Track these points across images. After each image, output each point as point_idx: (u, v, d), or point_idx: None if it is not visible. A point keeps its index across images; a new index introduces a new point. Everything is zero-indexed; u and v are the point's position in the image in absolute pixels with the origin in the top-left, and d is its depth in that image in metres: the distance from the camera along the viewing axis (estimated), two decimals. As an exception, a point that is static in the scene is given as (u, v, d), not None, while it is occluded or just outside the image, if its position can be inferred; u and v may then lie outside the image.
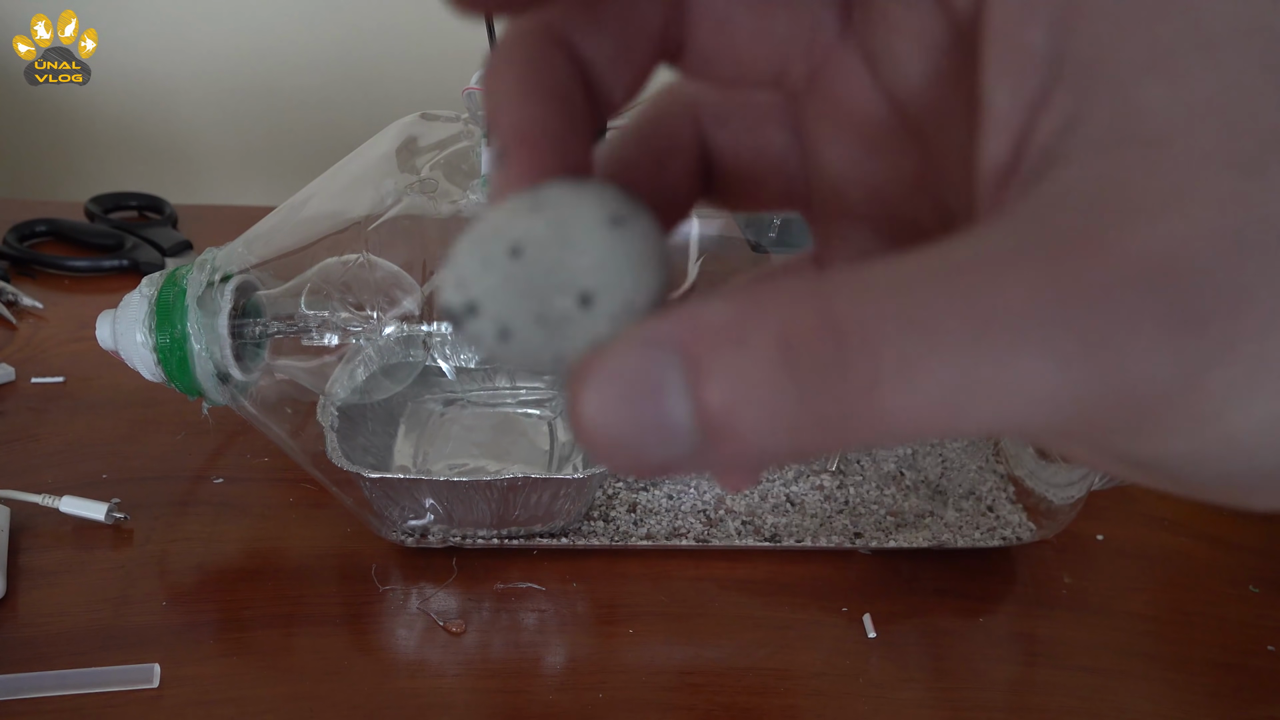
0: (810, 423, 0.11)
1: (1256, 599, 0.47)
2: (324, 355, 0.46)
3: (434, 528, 0.45)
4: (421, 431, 0.51)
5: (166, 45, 0.91)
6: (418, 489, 0.43)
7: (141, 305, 0.42)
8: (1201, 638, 0.45)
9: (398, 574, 0.45)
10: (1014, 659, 0.44)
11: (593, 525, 0.47)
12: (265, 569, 0.45)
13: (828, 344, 0.11)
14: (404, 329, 0.48)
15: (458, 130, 0.48)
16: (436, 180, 0.45)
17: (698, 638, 0.43)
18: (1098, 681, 0.42)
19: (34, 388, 0.55)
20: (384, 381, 0.49)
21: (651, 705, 0.40)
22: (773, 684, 0.41)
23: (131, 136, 0.94)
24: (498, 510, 0.44)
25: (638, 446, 0.12)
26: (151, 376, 0.43)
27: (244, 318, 0.44)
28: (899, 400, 0.11)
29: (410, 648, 0.42)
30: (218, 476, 0.50)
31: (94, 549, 0.45)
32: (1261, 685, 0.43)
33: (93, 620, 0.42)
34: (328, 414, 0.45)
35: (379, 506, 0.44)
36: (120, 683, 0.39)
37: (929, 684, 0.42)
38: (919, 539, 0.47)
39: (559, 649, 0.42)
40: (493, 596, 0.44)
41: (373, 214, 0.44)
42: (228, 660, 0.41)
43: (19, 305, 0.62)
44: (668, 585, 0.46)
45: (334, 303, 0.44)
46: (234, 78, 0.93)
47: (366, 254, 0.44)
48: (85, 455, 0.51)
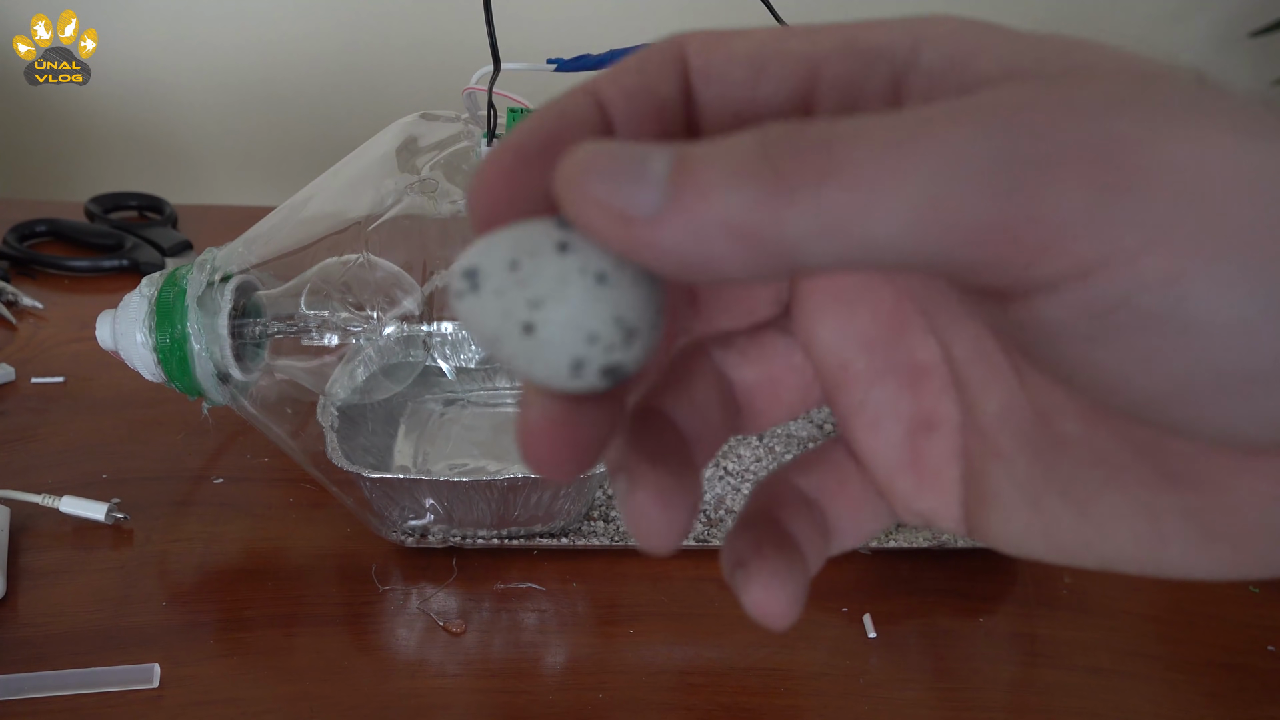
0: (766, 194, 0.13)
1: (1256, 599, 0.47)
2: (324, 355, 0.46)
3: (434, 528, 0.45)
4: (421, 431, 0.51)
5: (166, 45, 0.91)
6: (418, 489, 0.43)
7: (141, 305, 0.42)
8: (1201, 638, 0.45)
9: (398, 574, 0.45)
10: (1014, 659, 0.44)
11: (593, 525, 0.47)
12: (265, 569, 0.45)
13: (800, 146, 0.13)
14: (404, 329, 0.48)
15: (458, 130, 0.48)
16: (436, 180, 0.45)
17: (698, 638, 0.43)
18: (1098, 681, 0.42)
19: (34, 388, 0.55)
20: (384, 381, 0.49)
21: (651, 705, 0.40)
22: (773, 684, 0.41)
23: (131, 136, 0.94)
24: (498, 510, 0.44)
25: (605, 179, 0.13)
26: (151, 376, 0.43)
27: (244, 318, 0.44)
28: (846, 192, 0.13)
29: (410, 648, 0.42)
30: (218, 476, 0.50)
31: (94, 549, 0.45)
32: (1261, 685, 0.43)
33: (93, 620, 0.42)
34: (328, 414, 0.45)
35: (379, 506, 0.44)
36: (120, 683, 0.39)
37: (929, 684, 0.42)
38: (919, 539, 0.47)
39: (559, 649, 0.42)
40: (493, 596, 0.44)
41: (373, 214, 0.44)
42: (228, 660, 0.41)
43: (19, 305, 0.62)
44: (668, 585, 0.46)
45: (334, 303, 0.44)
46: (234, 78, 0.93)
47: (366, 254, 0.44)
48: (85, 455, 0.51)
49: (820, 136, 0.13)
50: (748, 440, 0.51)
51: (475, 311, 0.15)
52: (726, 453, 0.51)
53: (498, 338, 0.15)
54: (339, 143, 0.53)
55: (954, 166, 0.13)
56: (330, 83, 0.93)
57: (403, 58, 0.92)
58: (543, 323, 0.14)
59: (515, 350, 0.15)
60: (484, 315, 0.15)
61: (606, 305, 0.14)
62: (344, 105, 0.94)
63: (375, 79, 0.93)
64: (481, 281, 0.14)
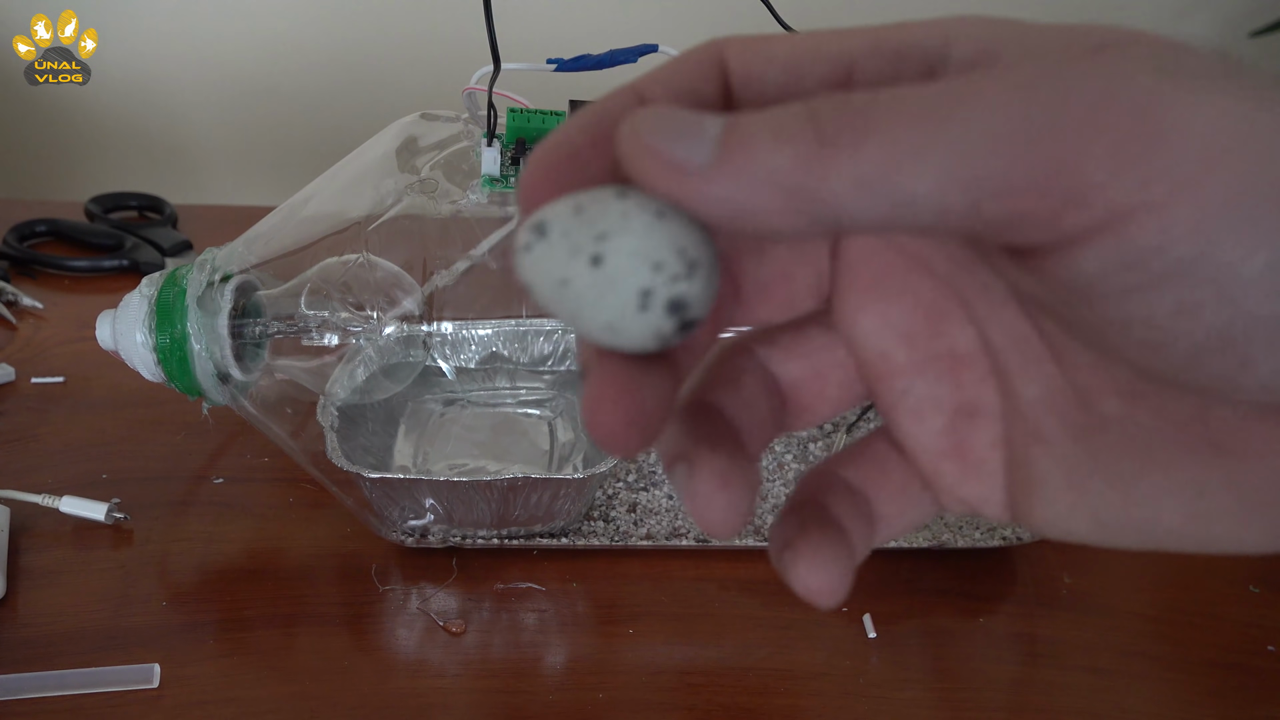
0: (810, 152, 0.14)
1: (1256, 599, 0.47)
2: (324, 355, 0.46)
3: (434, 528, 0.45)
4: (421, 431, 0.51)
5: (166, 45, 0.91)
6: (418, 489, 0.43)
7: (141, 305, 0.42)
8: (1201, 638, 0.45)
9: (398, 574, 0.45)
10: (1014, 659, 0.44)
11: (593, 525, 0.47)
12: (265, 569, 0.45)
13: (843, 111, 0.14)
14: (404, 329, 0.48)
15: (458, 130, 0.48)
16: (436, 180, 0.45)
17: (698, 638, 0.43)
18: (1098, 681, 0.42)
19: (34, 388, 0.55)
20: (384, 381, 0.49)
21: (651, 705, 0.40)
22: (773, 684, 0.41)
23: (131, 136, 0.94)
24: (498, 510, 0.44)
25: (663, 135, 0.15)
26: (151, 376, 0.43)
27: (244, 318, 0.44)
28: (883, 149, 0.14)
29: (410, 648, 0.42)
30: (218, 476, 0.50)
31: (94, 549, 0.45)
32: (1261, 685, 0.43)
33: (93, 620, 0.42)
34: (328, 414, 0.45)
35: (379, 506, 0.44)
36: (120, 683, 0.39)
37: (929, 684, 0.42)
38: (919, 539, 0.47)
39: (559, 649, 0.42)
40: (493, 596, 0.44)
41: (373, 214, 0.44)
42: (228, 660, 0.41)
43: (19, 305, 0.62)
44: (668, 585, 0.46)
45: (334, 303, 0.44)
46: (234, 78, 0.93)
47: (366, 254, 0.44)
48: (85, 455, 0.51)
49: (862, 103, 0.14)
50: (748, 440, 0.51)
51: (543, 258, 0.16)
52: (726, 453, 0.51)
53: (566, 279, 0.15)
54: (339, 143, 0.53)
55: (985, 123, 0.13)
56: (330, 82, 0.93)
57: (403, 58, 0.92)
58: (610, 253, 0.15)
59: (583, 288, 0.15)
60: (552, 259, 0.15)
61: (668, 236, 0.15)
62: (344, 105, 0.94)
63: (375, 79, 0.93)
64: (549, 229, 0.15)
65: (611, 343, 0.16)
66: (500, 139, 0.44)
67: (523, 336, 0.52)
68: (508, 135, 0.45)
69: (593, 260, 0.15)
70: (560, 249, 0.15)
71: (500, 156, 0.44)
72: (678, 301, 0.15)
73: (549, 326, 0.52)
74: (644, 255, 0.15)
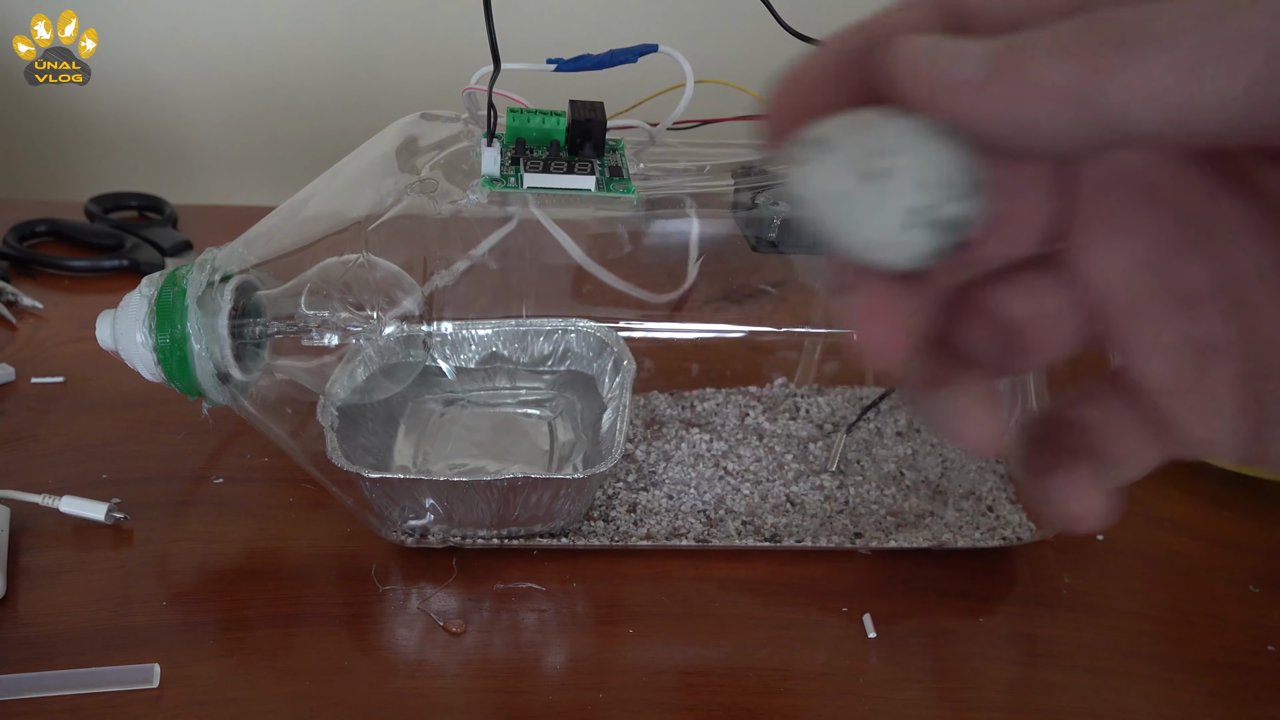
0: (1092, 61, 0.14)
1: (1256, 599, 0.47)
2: (324, 355, 0.46)
3: (434, 528, 0.45)
4: (421, 431, 0.51)
5: (166, 45, 0.91)
6: (418, 489, 0.43)
7: (141, 305, 0.42)
8: (1201, 638, 0.45)
9: (398, 574, 0.45)
10: (1014, 659, 0.44)
11: (593, 525, 0.47)
12: (265, 569, 0.45)
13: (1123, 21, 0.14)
14: (404, 329, 0.48)
15: (458, 130, 0.48)
16: (436, 180, 0.45)
17: (698, 638, 0.43)
18: (1098, 681, 0.42)
19: (34, 388, 0.55)
20: (384, 381, 0.49)
21: (651, 705, 0.40)
22: (773, 684, 0.41)
23: (131, 136, 0.94)
24: (498, 510, 0.44)
25: (938, 57, 0.15)
26: (151, 376, 0.43)
27: (244, 318, 0.44)
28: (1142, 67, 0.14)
29: (410, 648, 0.42)
30: (218, 476, 0.50)
31: (94, 549, 0.45)
32: (1261, 685, 0.43)
33: (93, 620, 0.42)
34: (328, 414, 0.45)
35: (379, 506, 0.44)
36: (120, 683, 0.39)
37: (929, 684, 0.42)
38: (919, 539, 0.47)
39: (559, 649, 0.42)
40: (493, 596, 0.44)
41: (373, 214, 0.44)
42: (228, 660, 0.41)
43: (19, 305, 0.62)
44: (668, 585, 0.46)
45: (334, 303, 0.44)
46: (234, 78, 0.93)
47: (366, 254, 0.44)
48: (85, 455, 0.51)
49: (1141, 14, 0.14)
50: (748, 440, 0.51)
51: (818, 171, 0.16)
52: (727, 453, 0.51)
53: (842, 192, 0.16)
54: (339, 143, 0.52)
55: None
56: (330, 82, 0.93)
57: (402, 57, 0.92)
58: (888, 170, 0.15)
59: (859, 203, 0.16)
60: (829, 172, 0.16)
61: (946, 156, 0.15)
62: (344, 105, 0.94)
63: (375, 79, 0.93)
64: (830, 143, 0.16)
65: (880, 258, 0.16)
66: (500, 139, 0.44)
67: (523, 336, 0.52)
68: (508, 135, 0.45)
69: (870, 176, 0.15)
70: (839, 163, 0.16)
71: (500, 156, 0.44)
72: (952, 221, 0.16)
73: (549, 326, 0.52)
74: (922, 173, 0.15)
